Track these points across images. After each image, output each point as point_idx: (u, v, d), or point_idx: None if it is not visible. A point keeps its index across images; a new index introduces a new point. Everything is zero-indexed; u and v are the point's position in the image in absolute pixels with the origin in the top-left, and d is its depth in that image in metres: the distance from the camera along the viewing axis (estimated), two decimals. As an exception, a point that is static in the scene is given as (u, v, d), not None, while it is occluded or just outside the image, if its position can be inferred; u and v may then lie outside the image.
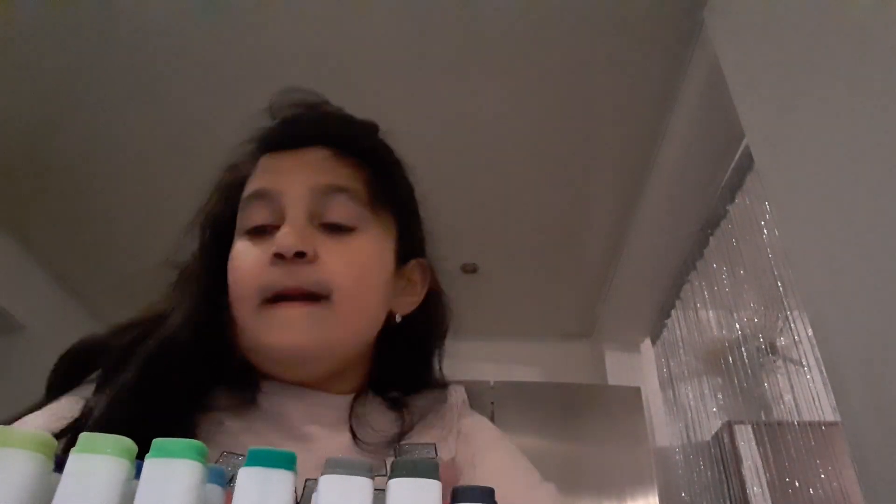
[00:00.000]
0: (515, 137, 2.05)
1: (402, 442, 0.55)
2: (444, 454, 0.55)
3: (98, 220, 2.44)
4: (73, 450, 0.23)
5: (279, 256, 0.52)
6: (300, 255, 0.52)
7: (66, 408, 0.52)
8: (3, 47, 1.77)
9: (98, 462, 0.22)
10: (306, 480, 0.46)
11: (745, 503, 2.00)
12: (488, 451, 0.58)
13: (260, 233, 0.56)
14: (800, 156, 1.23)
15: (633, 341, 2.89)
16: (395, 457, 0.53)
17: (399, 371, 0.61)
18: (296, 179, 0.56)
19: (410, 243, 0.63)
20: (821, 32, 1.15)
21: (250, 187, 0.58)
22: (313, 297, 0.53)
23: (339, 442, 0.53)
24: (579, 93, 1.88)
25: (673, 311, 2.54)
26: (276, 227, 0.54)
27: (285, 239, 0.52)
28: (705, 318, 2.30)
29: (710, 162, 1.92)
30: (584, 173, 2.19)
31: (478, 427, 0.61)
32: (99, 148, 2.12)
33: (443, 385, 0.63)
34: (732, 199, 1.96)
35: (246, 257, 0.55)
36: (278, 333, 0.52)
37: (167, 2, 1.65)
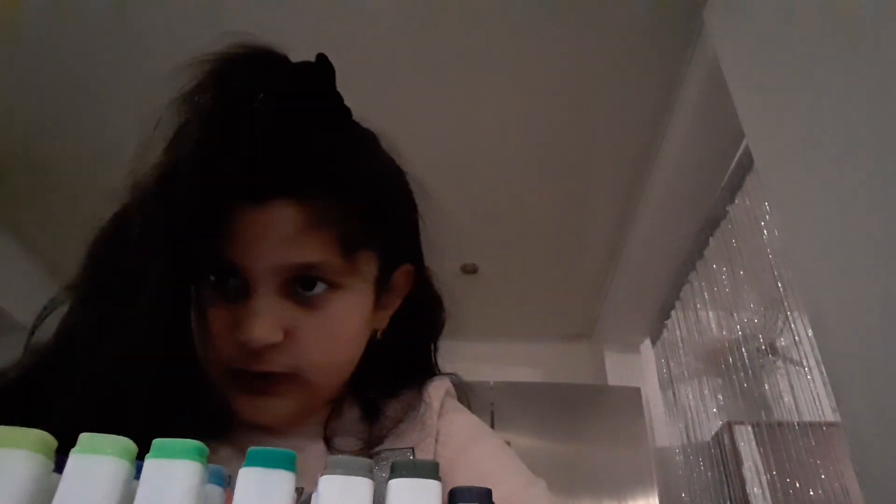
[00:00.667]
0: (515, 138, 2.05)
1: (378, 448, 0.53)
2: (422, 457, 0.54)
3: (98, 220, 2.44)
4: (73, 450, 0.23)
5: (248, 345, 0.49)
6: (271, 345, 0.49)
7: None
8: (2, 47, 1.77)
9: (98, 462, 0.22)
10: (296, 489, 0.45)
11: (746, 503, 2.00)
12: (473, 450, 0.56)
13: (231, 298, 0.50)
14: (800, 156, 1.23)
15: (633, 342, 2.89)
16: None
17: (378, 379, 0.59)
18: (262, 253, 0.49)
19: (394, 263, 0.59)
20: (821, 32, 1.15)
21: (218, 251, 0.50)
22: (285, 376, 0.51)
23: (315, 458, 0.51)
24: (579, 93, 1.88)
25: (673, 312, 2.54)
26: (245, 296, 0.50)
27: (255, 329, 0.48)
28: (705, 318, 2.30)
29: (710, 162, 1.92)
30: (584, 174, 2.19)
31: (458, 425, 0.58)
32: (99, 148, 2.12)
33: (426, 380, 0.60)
34: (732, 200, 1.96)
35: (213, 324, 0.50)
36: (251, 414, 0.52)
37: (167, 2, 1.66)
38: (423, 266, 0.64)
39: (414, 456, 0.53)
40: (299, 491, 0.46)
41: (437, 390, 0.59)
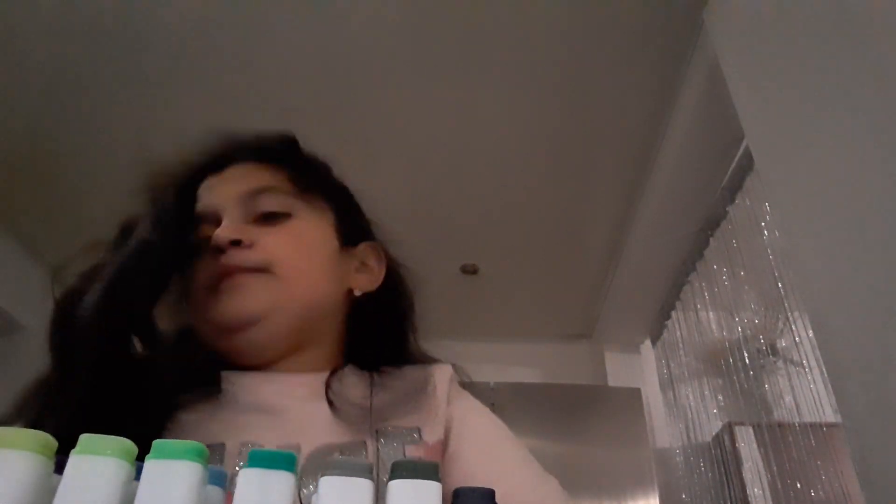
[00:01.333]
0: (515, 138, 2.05)
1: (386, 424, 0.53)
2: (430, 437, 0.54)
3: (99, 221, 2.44)
4: (73, 451, 0.23)
5: (217, 249, 0.57)
6: (235, 242, 0.57)
7: None
8: (2, 47, 1.77)
9: (98, 463, 0.22)
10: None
11: (746, 504, 2.00)
12: (487, 446, 0.56)
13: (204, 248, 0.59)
14: (800, 156, 1.23)
15: (633, 342, 2.89)
16: (377, 438, 0.52)
17: (373, 345, 0.63)
18: (225, 192, 0.62)
19: (353, 227, 0.67)
20: (821, 33, 1.15)
21: (196, 209, 0.63)
22: (253, 270, 0.57)
23: (311, 413, 0.53)
24: (579, 93, 1.88)
25: (673, 312, 2.54)
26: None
27: (219, 231, 0.57)
28: (705, 319, 2.30)
29: (710, 162, 1.92)
30: (584, 174, 2.19)
31: (469, 414, 0.59)
32: (99, 148, 2.12)
33: (427, 361, 0.64)
34: (732, 200, 1.96)
35: (198, 268, 0.59)
36: (226, 303, 0.56)
37: (167, 3, 1.66)
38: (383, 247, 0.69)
39: (420, 436, 0.54)
40: (295, 448, 0.49)
41: (443, 374, 0.61)
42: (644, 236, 2.30)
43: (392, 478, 0.26)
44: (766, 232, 1.80)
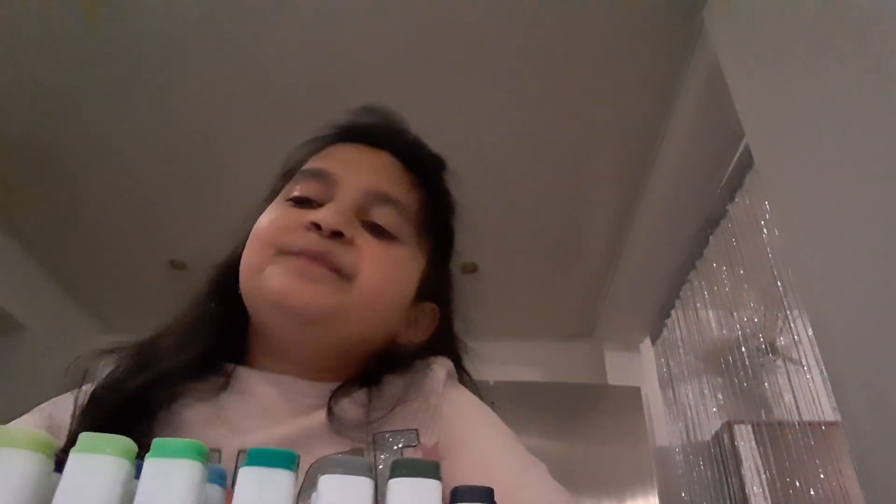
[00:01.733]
0: (515, 137, 2.05)
1: (382, 430, 0.51)
2: (427, 439, 0.52)
3: (98, 220, 2.44)
4: (73, 449, 0.23)
5: (316, 226, 0.51)
6: (338, 234, 0.52)
7: (60, 407, 0.53)
8: (3, 48, 1.77)
9: (98, 462, 0.22)
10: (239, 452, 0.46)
11: (745, 503, 2.00)
12: (473, 433, 0.54)
13: (302, 203, 0.55)
14: (800, 155, 1.23)
15: (632, 341, 2.89)
16: (373, 444, 0.50)
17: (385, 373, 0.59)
18: (357, 172, 0.57)
19: (434, 282, 0.62)
20: (821, 32, 1.15)
21: (310, 164, 0.58)
22: (336, 271, 0.51)
23: (310, 423, 0.50)
24: (579, 92, 1.88)
25: (673, 311, 2.54)
26: (321, 205, 0.54)
27: (329, 214, 0.52)
28: (705, 317, 2.30)
29: (710, 161, 1.92)
30: (584, 173, 2.19)
31: (457, 403, 0.56)
32: (99, 149, 2.12)
33: (425, 362, 0.59)
34: (732, 199, 1.96)
35: (279, 216, 0.54)
36: (288, 280, 0.50)
37: (167, 3, 1.65)
38: (451, 320, 0.65)
39: (418, 437, 0.51)
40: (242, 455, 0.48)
41: (441, 368, 0.58)
42: (644, 236, 2.30)
43: (392, 476, 0.26)
44: (765, 230, 1.80)
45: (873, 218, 1.02)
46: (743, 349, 2.09)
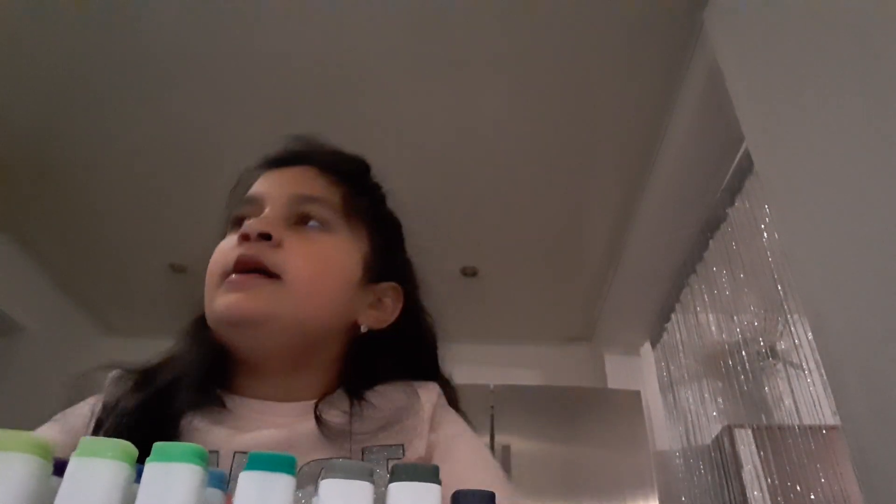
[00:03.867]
0: (515, 140, 2.05)
1: (371, 444, 0.55)
2: (412, 454, 0.55)
3: (98, 222, 2.45)
4: (73, 454, 0.23)
5: (245, 237, 0.58)
6: (264, 236, 0.58)
7: (77, 415, 0.58)
8: (3, 48, 1.78)
9: (98, 466, 0.22)
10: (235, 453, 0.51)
11: (746, 507, 2.00)
12: (452, 448, 0.57)
13: (240, 224, 0.62)
14: (800, 158, 1.23)
15: (632, 345, 2.89)
16: (362, 456, 0.55)
17: (365, 377, 0.62)
18: (280, 186, 0.64)
19: (386, 263, 0.67)
20: (821, 34, 1.16)
21: (245, 193, 0.66)
22: (266, 274, 0.57)
23: (302, 432, 0.55)
24: (579, 95, 1.88)
25: (673, 315, 2.54)
26: (257, 214, 0.62)
27: (255, 222, 0.59)
28: (705, 321, 2.30)
29: (710, 164, 1.92)
30: (584, 176, 2.19)
31: (453, 442, 0.59)
32: (99, 149, 2.12)
33: (412, 381, 0.63)
34: (732, 202, 1.96)
35: (220, 245, 0.62)
36: (226, 298, 0.56)
37: (167, 3, 1.66)
38: (415, 292, 0.69)
39: (404, 453, 0.55)
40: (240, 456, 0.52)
41: (429, 396, 0.61)
42: (644, 239, 2.30)
43: (392, 480, 0.26)
44: (765, 234, 1.80)
45: (873, 222, 1.02)
46: (743, 353, 2.09)
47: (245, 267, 0.57)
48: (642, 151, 2.06)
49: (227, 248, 0.59)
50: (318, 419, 0.55)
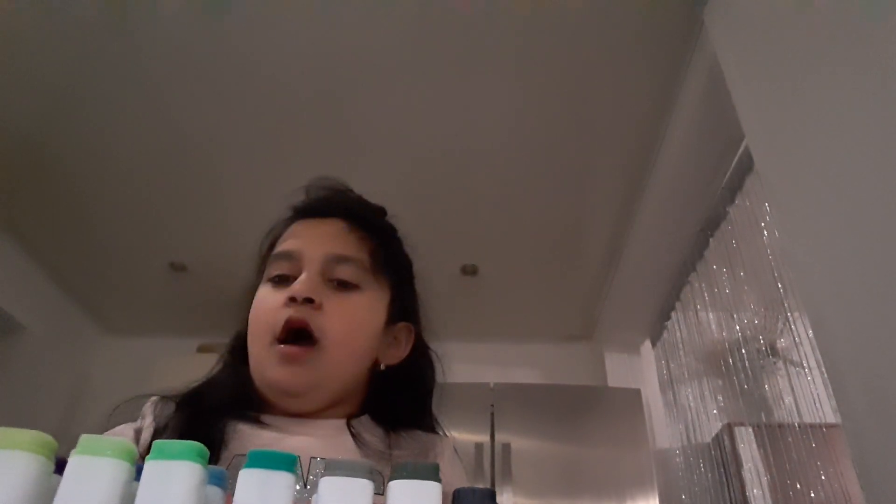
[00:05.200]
0: (516, 138, 2.05)
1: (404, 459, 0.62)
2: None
3: (98, 222, 2.45)
4: (73, 452, 0.23)
5: (292, 300, 0.65)
6: (309, 300, 0.65)
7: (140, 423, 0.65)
8: (3, 48, 1.77)
9: (99, 464, 0.22)
10: (311, 458, 0.59)
11: (746, 505, 2.00)
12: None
13: (281, 282, 0.69)
14: (800, 157, 1.23)
15: (633, 343, 2.89)
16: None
17: (388, 405, 0.70)
18: (315, 245, 0.70)
19: (402, 306, 0.75)
20: (821, 33, 1.15)
21: (280, 247, 0.73)
22: (309, 338, 0.64)
23: (338, 444, 0.62)
24: (579, 94, 1.88)
25: (673, 313, 2.54)
26: (295, 279, 0.68)
27: (300, 286, 0.66)
28: (705, 319, 2.30)
29: (710, 163, 1.92)
30: (584, 175, 2.19)
31: (451, 474, 0.65)
32: (99, 149, 2.12)
33: (433, 430, 0.72)
34: (732, 201, 1.96)
35: (266, 299, 0.68)
36: (281, 372, 0.64)
37: (167, 3, 1.66)
38: (420, 329, 0.77)
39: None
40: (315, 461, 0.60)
41: (446, 448, 0.69)
42: (644, 236, 2.30)
43: (392, 478, 0.26)
44: (765, 232, 1.80)
45: (874, 220, 1.02)
46: (743, 351, 2.09)
47: (292, 328, 0.64)
48: (643, 149, 2.05)
49: (274, 307, 0.66)
50: (354, 436, 0.63)
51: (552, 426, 2.33)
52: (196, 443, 0.24)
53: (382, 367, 0.71)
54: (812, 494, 1.77)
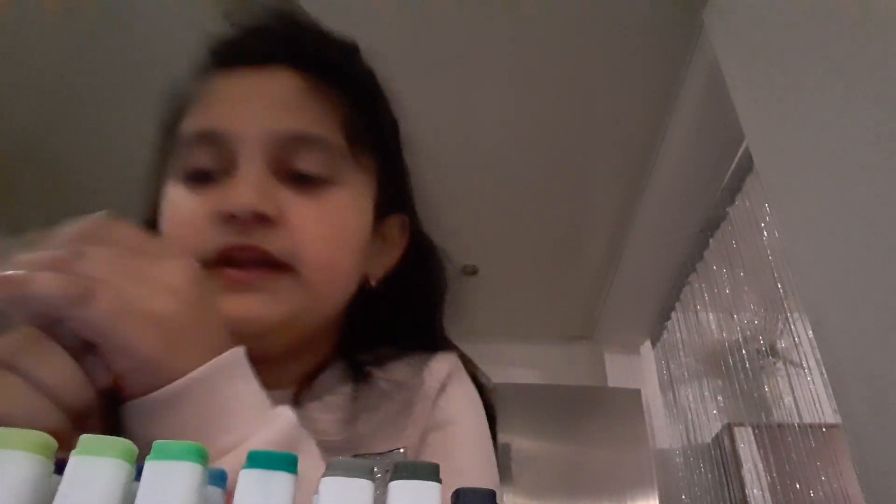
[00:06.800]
0: (516, 138, 2.05)
1: (362, 452, 0.44)
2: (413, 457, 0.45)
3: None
4: (73, 452, 0.23)
5: (230, 216, 0.41)
6: (260, 217, 0.41)
7: None
8: (3, 47, 1.77)
9: (98, 464, 0.22)
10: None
11: (746, 505, 2.00)
12: (446, 437, 0.47)
13: (202, 179, 0.44)
14: (800, 157, 1.23)
15: (633, 343, 2.89)
16: None
17: (375, 335, 0.51)
18: (253, 118, 0.44)
19: (392, 194, 0.52)
20: (821, 34, 1.16)
21: (194, 121, 0.46)
22: (274, 265, 0.42)
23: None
24: (579, 94, 1.88)
25: (673, 313, 2.54)
26: (225, 174, 0.43)
27: (242, 193, 0.41)
28: (705, 319, 2.30)
29: (710, 163, 1.92)
30: (585, 175, 2.19)
31: (450, 403, 0.48)
32: (100, 149, 2.12)
33: (423, 358, 0.50)
34: (732, 201, 1.96)
35: (182, 210, 0.44)
36: (235, 303, 0.40)
37: (167, 5, 1.66)
38: (417, 221, 0.56)
39: (405, 457, 0.45)
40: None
41: (439, 368, 0.49)
42: (644, 237, 2.30)
43: (392, 479, 0.26)
44: (765, 233, 1.80)
45: (873, 220, 1.02)
46: (743, 351, 2.09)
47: (237, 258, 0.41)
48: (643, 150, 2.05)
49: (199, 226, 0.42)
50: (296, 402, 0.43)
51: (552, 426, 2.33)
52: (197, 444, 0.24)
53: (373, 283, 0.50)
54: (812, 494, 1.78)
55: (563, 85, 1.85)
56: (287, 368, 0.46)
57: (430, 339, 0.54)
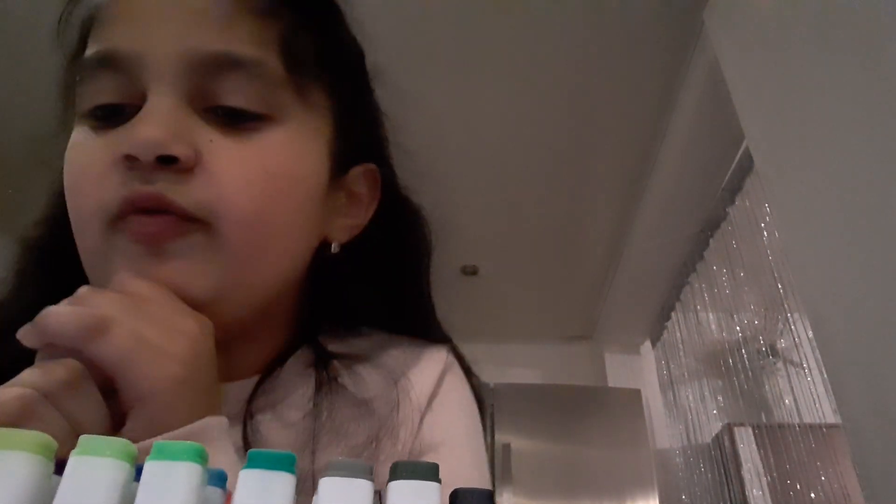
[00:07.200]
0: (516, 139, 2.05)
1: (333, 448, 0.37)
2: (391, 448, 0.39)
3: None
4: (72, 452, 0.23)
5: (132, 159, 0.33)
6: (168, 159, 0.33)
7: None
8: (8, 48, 1.78)
9: (98, 465, 0.22)
10: None
11: (746, 505, 2.00)
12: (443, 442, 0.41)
13: (108, 118, 0.36)
14: (800, 158, 1.23)
15: (633, 343, 2.89)
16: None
17: (349, 315, 0.44)
18: (164, 35, 0.35)
19: (357, 141, 0.44)
20: (821, 34, 1.16)
21: (91, 47, 0.38)
22: (186, 218, 0.34)
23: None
24: (579, 94, 1.88)
25: (673, 313, 2.54)
26: (136, 108, 0.35)
27: (143, 131, 0.33)
28: (705, 319, 2.30)
29: (710, 164, 1.92)
30: (585, 175, 2.19)
31: (444, 417, 0.42)
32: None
33: (416, 334, 0.44)
34: (732, 201, 1.96)
35: (82, 157, 0.37)
36: (146, 269, 0.34)
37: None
38: (392, 174, 0.48)
39: (377, 447, 0.39)
40: None
41: (425, 378, 0.42)
42: (644, 237, 2.30)
43: (391, 479, 0.26)
44: (765, 233, 1.80)
45: (873, 220, 1.02)
46: (743, 351, 2.09)
47: (140, 211, 0.34)
48: (643, 150, 2.06)
49: (101, 171, 0.34)
50: (245, 436, 0.36)
51: (552, 426, 2.33)
52: (197, 444, 0.24)
53: (334, 248, 0.42)
54: (812, 494, 1.78)
55: (564, 85, 1.85)
56: (234, 358, 0.38)
57: (415, 321, 0.47)
